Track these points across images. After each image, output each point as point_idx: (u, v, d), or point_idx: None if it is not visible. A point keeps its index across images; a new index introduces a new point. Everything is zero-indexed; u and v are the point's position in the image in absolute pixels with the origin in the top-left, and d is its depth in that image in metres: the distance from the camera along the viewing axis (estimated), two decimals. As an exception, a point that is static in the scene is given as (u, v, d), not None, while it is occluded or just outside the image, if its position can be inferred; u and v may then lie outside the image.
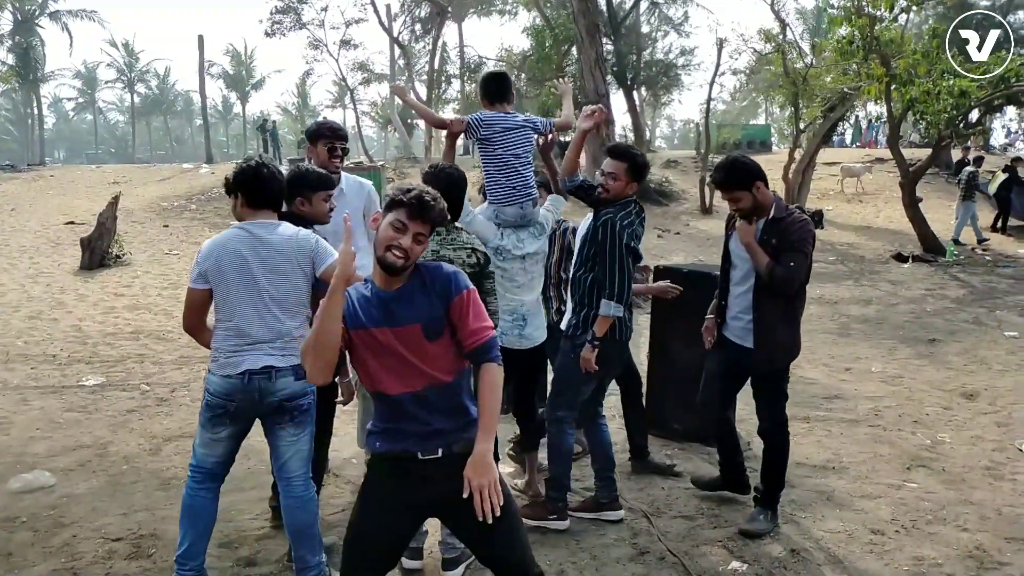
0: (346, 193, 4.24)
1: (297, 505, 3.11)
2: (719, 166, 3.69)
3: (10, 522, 3.92)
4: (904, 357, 7.43)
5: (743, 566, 3.38)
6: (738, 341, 3.73)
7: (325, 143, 4.08)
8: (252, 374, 2.96)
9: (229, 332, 3.01)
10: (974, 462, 4.65)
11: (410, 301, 2.28)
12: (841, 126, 24.03)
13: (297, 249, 3.04)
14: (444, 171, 3.35)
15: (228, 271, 2.98)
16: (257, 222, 3.07)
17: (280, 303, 3.02)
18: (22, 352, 7.58)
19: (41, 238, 14.76)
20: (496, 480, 2.15)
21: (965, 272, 12.15)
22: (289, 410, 3.06)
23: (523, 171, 3.96)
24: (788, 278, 3.52)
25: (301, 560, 3.11)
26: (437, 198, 2.30)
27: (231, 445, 3.10)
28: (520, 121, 4.08)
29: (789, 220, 3.59)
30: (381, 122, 42.49)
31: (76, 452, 4.92)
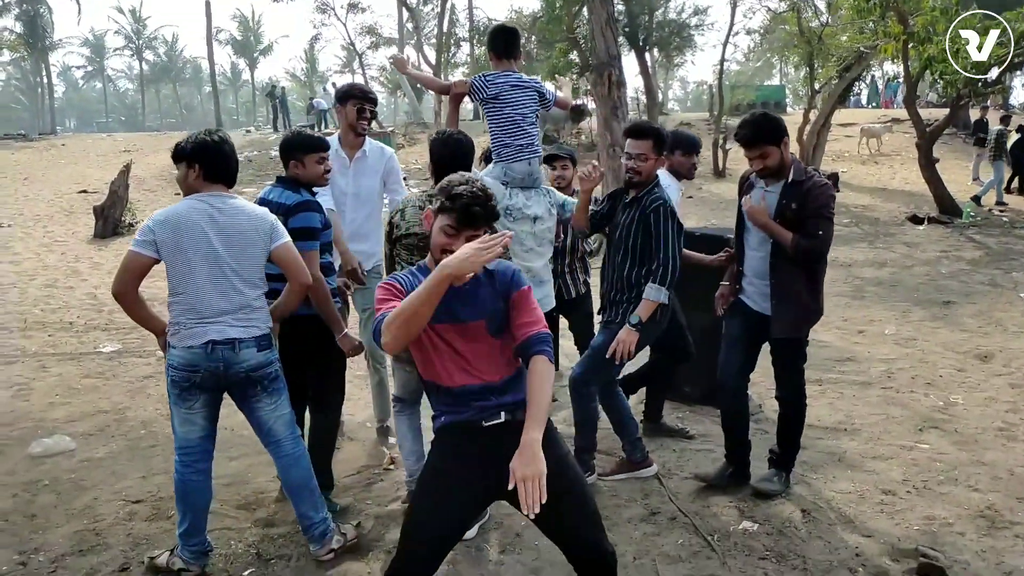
0: (368, 157, 4.26)
1: (291, 463, 3.17)
2: (745, 122, 3.53)
3: (33, 485, 4.01)
4: (918, 319, 7.39)
5: (754, 526, 3.41)
6: (756, 307, 3.65)
7: (355, 103, 4.13)
8: (215, 344, 2.95)
9: (188, 305, 2.96)
10: (987, 423, 4.64)
11: (474, 298, 2.27)
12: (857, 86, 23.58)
13: (256, 223, 3.04)
14: (451, 137, 3.35)
15: (187, 244, 2.93)
16: (214, 194, 3.03)
17: (241, 275, 3.01)
18: (39, 320, 7.68)
19: (55, 207, 14.84)
20: (543, 473, 2.06)
21: (981, 233, 12.01)
22: (257, 380, 3.07)
23: (530, 130, 3.95)
24: (816, 248, 3.42)
25: (305, 518, 3.17)
26: (486, 202, 2.24)
27: (208, 416, 3.08)
28: (528, 80, 4.06)
29: (810, 184, 3.45)
30: (390, 87, 42.14)
31: (95, 417, 5.00)
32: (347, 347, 3.48)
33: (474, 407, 2.29)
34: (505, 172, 3.93)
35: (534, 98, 4.04)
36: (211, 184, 3.04)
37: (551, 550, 3.21)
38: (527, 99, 4.00)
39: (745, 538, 3.32)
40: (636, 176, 3.62)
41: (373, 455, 4.36)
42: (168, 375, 3.01)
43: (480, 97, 4.01)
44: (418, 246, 3.31)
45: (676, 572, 3.07)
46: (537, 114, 4.05)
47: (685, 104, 74.30)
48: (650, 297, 3.52)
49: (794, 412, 3.72)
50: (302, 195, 3.42)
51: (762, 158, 3.46)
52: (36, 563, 3.24)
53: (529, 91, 4.02)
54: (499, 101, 3.95)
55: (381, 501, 3.74)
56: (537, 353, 2.22)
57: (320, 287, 3.37)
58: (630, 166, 3.62)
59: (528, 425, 2.13)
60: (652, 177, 3.65)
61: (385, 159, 4.34)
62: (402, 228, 3.31)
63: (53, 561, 3.25)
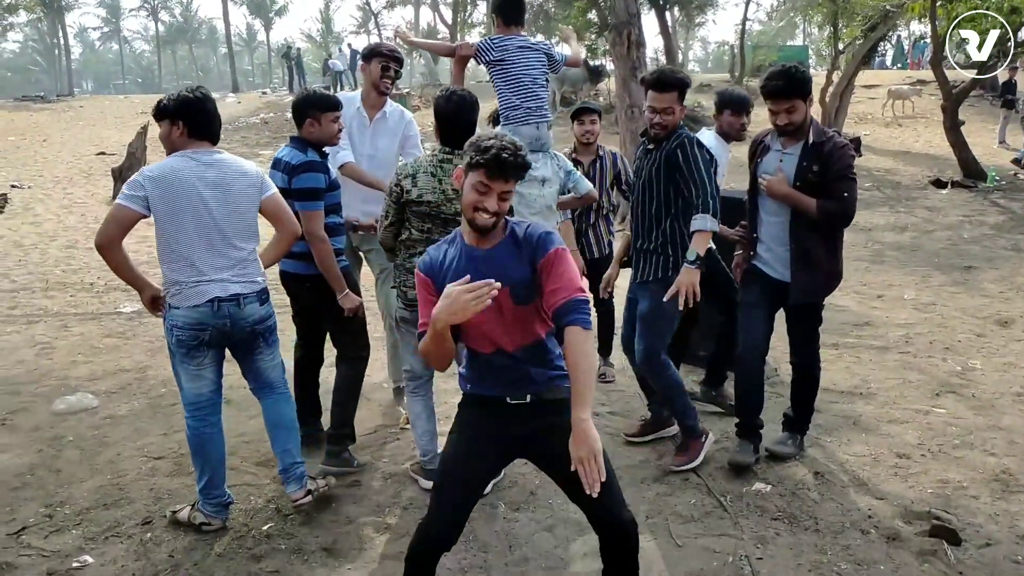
0: (388, 119, 4.23)
1: (282, 401, 3.29)
2: (777, 72, 3.37)
3: (57, 441, 4.10)
4: (938, 284, 7.31)
5: (767, 487, 3.43)
6: (774, 274, 3.55)
7: (380, 61, 4.09)
8: (220, 301, 2.98)
9: (186, 263, 2.96)
10: (1005, 388, 4.61)
11: (501, 263, 2.22)
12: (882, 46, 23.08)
13: (247, 177, 3.06)
14: (455, 94, 3.30)
15: (181, 202, 2.92)
16: (201, 151, 3.02)
17: (235, 229, 3.03)
18: (60, 280, 7.78)
19: (74, 168, 14.94)
20: (599, 452, 2.02)
21: (1006, 198, 11.80)
22: (261, 333, 3.15)
23: (539, 92, 3.91)
24: (843, 211, 3.34)
25: (289, 456, 3.25)
26: (516, 152, 2.17)
27: (216, 370, 3.13)
28: (535, 43, 4.01)
29: (831, 145, 3.36)
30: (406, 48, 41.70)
31: (116, 376, 5.09)
32: (347, 306, 3.52)
33: (500, 382, 2.29)
34: (514, 133, 3.89)
35: (543, 61, 3.99)
36: (196, 141, 3.03)
37: (564, 507, 3.26)
38: (535, 61, 3.95)
39: (758, 499, 3.34)
40: (662, 131, 3.45)
41: (389, 415, 4.41)
42: (173, 335, 3.02)
43: (486, 60, 3.96)
44: (430, 214, 3.26)
45: (688, 531, 3.11)
46: (547, 78, 4.00)
47: (706, 65, 73.01)
48: (703, 228, 3.31)
49: (809, 377, 3.69)
50: (308, 155, 3.42)
51: (789, 112, 3.34)
52: (62, 515, 3.32)
53: (538, 53, 3.97)
54: (506, 63, 3.91)
55: (396, 460, 3.79)
56: (570, 323, 2.11)
57: (322, 246, 3.40)
58: (656, 121, 3.43)
59: (575, 405, 2.06)
60: (675, 127, 3.47)
61: (404, 123, 4.30)
62: (412, 194, 3.25)
63: (78, 514, 3.33)
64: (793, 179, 3.41)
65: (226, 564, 2.95)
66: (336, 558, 2.99)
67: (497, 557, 2.96)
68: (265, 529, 3.18)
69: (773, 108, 3.38)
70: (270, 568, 2.92)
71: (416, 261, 3.28)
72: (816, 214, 3.34)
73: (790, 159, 3.44)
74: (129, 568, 2.92)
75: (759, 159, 3.59)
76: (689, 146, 3.41)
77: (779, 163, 3.46)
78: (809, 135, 3.40)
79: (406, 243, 3.35)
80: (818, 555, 2.92)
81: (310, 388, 3.94)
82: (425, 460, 3.49)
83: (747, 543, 3.00)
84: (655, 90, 3.43)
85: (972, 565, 2.85)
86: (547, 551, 3.00)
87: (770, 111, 3.41)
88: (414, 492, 3.47)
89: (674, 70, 3.57)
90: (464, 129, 3.27)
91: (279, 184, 3.45)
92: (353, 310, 3.55)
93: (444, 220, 3.25)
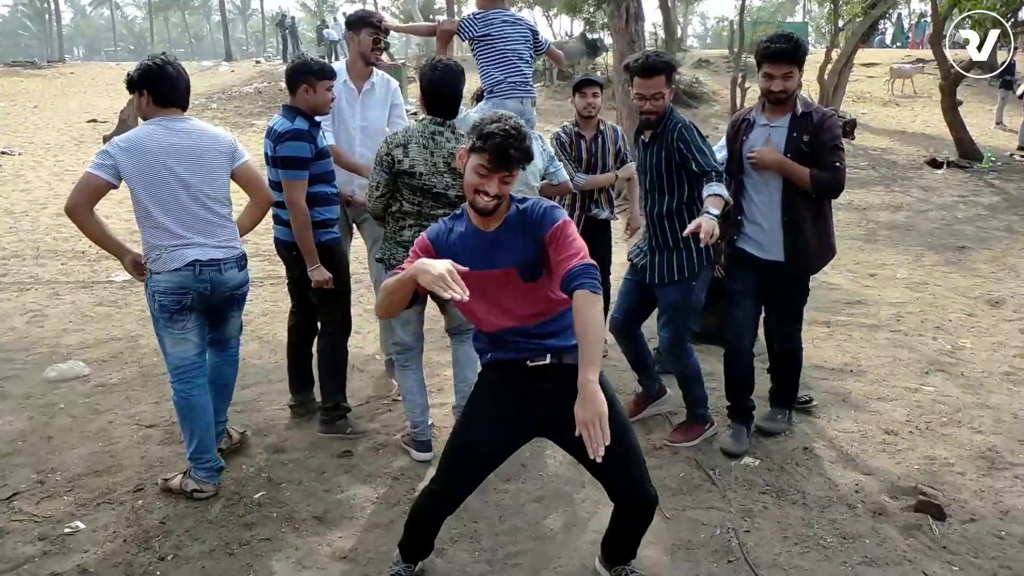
0: (376, 89, 4.17)
1: (230, 361, 3.44)
2: (778, 36, 3.30)
3: (48, 408, 4.10)
4: (931, 264, 7.33)
5: (755, 461, 3.46)
6: (764, 255, 3.46)
7: (371, 32, 4.00)
8: (201, 265, 3.02)
9: (162, 229, 2.98)
10: (994, 367, 4.64)
11: (507, 243, 2.23)
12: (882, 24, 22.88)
13: (216, 143, 3.09)
14: (440, 62, 3.27)
15: (151, 169, 2.93)
16: (170, 118, 3.03)
17: (208, 194, 3.05)
18: (52, 248, 7.74)
19: (65, 136, 14.79)
20: (604, 415, 1.97)
21: (1001, 179, 11.80)
22: (238, 298, 3.26)
23: (523, 68, 3.87)
24: (835, 180, 3.31)
25: (219, 413, 3.40)
26: (520, 143, 2.15)
27: (199, 333, 3.15)
28: (522, 20, 3.97)
29: (820, 115, 3.35)
30: (402, 18, 41.24)
31: (108, 344, 5.08)
32: (315, 279, 3.52)
33: (518, 348, 2.30)
34: (500, 107, 3.85)
35: (527, 37, 3.94)
36: (164, 108, 3.04)
37: (555, 479, 3.29)
38: (520, 36, 3.91)
39: (746, 473, 3.37)
40: (653, 116, 3.38)
41: (380, 387, 4.42)
42: (155, 301, 3.05)
43: (470, 35, 3.91)
44: (422, 188, 3.22)
45: (677, 504, 3.13)
46: (531, 54, 3.94)
47: (704, 40, 72.49)
48: (721, 193, 3.18)
49: (793, 359, 3.69)
50: (295, 124, 3.39)
51: (786, 79, 3.29)
52: (53, 482, 3.33)
53: (522, 28, 3.93)
54: (490, 38, 3.87)
55: (388, 431, 3.80)
56: (577, 288, 2.10)
57: (300, 216, 3.39)
58: (646, 108, 3.36)
59: (581, 367, 2.03)
60: (665, 111, 3.42)
61: (391, 91, 4.26)
62: (404, 164, 3.20)
63: (70, 480, 3.34)
64: (784, 150, 3.35)
65: (217, 531, 2.96)
66: (327, 526, 3.01)
67: (487, 527, 2.98)
68: (257, 497, 3.20)
69: (771, 72, 3.30)
70: (261, 536, 2.93)
71: (405, 234, 3.28)
72: (809, 184, 3.30)
73: (779, 131, 3.38)
74: (121, 534, 2.94)
75: (744, 136, 3.48)
76: (688, 132, 3.33)
77: (767, 136, 3.40)
78: (797, 106, 3.36)
79: (395, 215, 3.33)
80: (804, 528, 2.95)
81: (302, 358, 3.94)
82: (416, 432, 3.51)
83: (735, 516, 3.03)
84: (642, 76, 3.32)
85: (956, 540, 2.88)
86: (537, 521, 3.02)
87: (766, 75, 3.33)
88: (405, 463, 3.49)
89: (659, 53, 3.47)
90: (450, 98, 3.25)
91: (266, 151, 3.44)
92: (320, 283, 3.53)
93: (435, 195, 3.23)
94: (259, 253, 7.56)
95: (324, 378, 3.74)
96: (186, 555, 2.81)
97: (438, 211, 3.23)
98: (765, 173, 3.42)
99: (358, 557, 2.80)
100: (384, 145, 3.27)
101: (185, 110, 3.11)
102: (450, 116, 3.29)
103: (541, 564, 2.75)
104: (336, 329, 3.72)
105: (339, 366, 3.77)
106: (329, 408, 3.71)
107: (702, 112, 18.14)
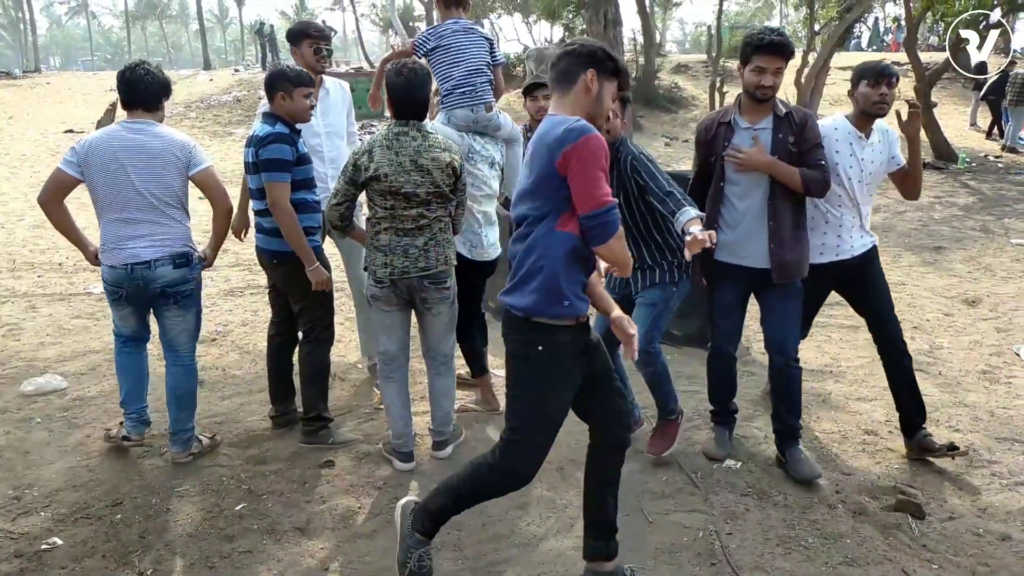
0: (331, 94, 4.26)
1: (184, 372, 3.53)
2: (772, 30, 3.26)
3: (25, 423, 4.04)
4: (908, 264, 7.41)
5: (737, 464, 3.47)
6: (749, 264, 3.36)
7: (311, 43, 4.07)
8: (134, 265, 3.26)
9: (110, 225, 3.27)
10: (971, 366, 4.70)
11: None
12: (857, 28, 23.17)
13: (168, 147, 3.25)
14: (406, 67, 3.27)
15: (101, 168, 3.20)
16: (131, 121, 3.27)
17: (154, 196, 3.24)
18: (28, 260, 7.64)
19: (40, 146, 14.62)
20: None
21: (976, 179, 11.98)
22: (171, 295, 3.38)
23: (474, 77, 3.86)
24: (824, 178, 3.26)
25: (179, 423, 3.52)
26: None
27: (138, 319, 3.50)
28: (479, 31, 3.98)
29: (801, 115, 3.31)
30: (382, 26, 41.22)
31: (85, 357, 5.02)
32: (315, 279, 3.51)
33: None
34: (449, 119, 3.86)
35: (483, 46, 3.93)
36: (129, 111, 3.28)
37: (538, 486, 3.28)
38: (474, 46, 3.90)
39: (728, 475, 3.38)
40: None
41: (362, 395, 4.40)
42: (103, 284, 3.41)
43: (423, 52, 3.92)
44: (390, 191, 3.19)
45: (660, 507, 3.14)
46: (487, 63, 3.93)
47: (683, 46, 73.03)
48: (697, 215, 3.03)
49: (790, 375, 3.43)
50: (275, 128, 3.40)
51: (775, 74, 3.21)
52: (30, 497, 3.28)
53: (478, 38, 3.93)
54: (442, 48, 3.87)
55: (370, 440, 3.78)
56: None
57: (286, 218, 3.39)
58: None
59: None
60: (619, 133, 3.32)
61: (348, 96, 4.41)
62: (370, 170, 3.18)
63: (47, 496, 3.29)
64: (771, 153, 3.26)
65: (198, 544, 2.93)
66: (309, 537, 2.98)
67: (470, 534, 2.97)
68: (237, 509, 3.17)
69: (763, 65, 3.19)
70: (242, 548, 2.91)
71: (381, 238, 3.27)
72: (800, 184, 3.23)
73: (764, 133, 3.29)
74: (99, 550, 2.90)
75: (725, 141, 3.34)
76: (642, 162, 3.25)
77: (755, 137, 3.29)
78: (778, 106, 3.30)
79: (371, 220, 3.33)
80: (786, 529, 2.97)
81: (282, 368, 3.91)
82: (399, 443, 3.49)
83: (717, 518, 3.05)
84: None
85: (935, 538, 2.91)
86: (520, 529, 3.02)
87: (757, 69, 3.20)
88: (387, 472, 3.47)
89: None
90: (416, 102, 3.25)
91: (247, 159, 3.44)
92: (322, 284, 3.53)
93: (405, 195, 3.21)
94: (240, 263, 7.52)
95: (306, 387, 3.72)
96: (166, 569, 2.78)
97: (411, 211, 3.23)
98: (750, 178, 3.31)
99: (341, 568, 2.78)
100: (351, 155, 3.28)
101: (152, 111, 3.31)
102: (418, 119, 3.30)
103: (525, 571, 2.75)
104: (319, 337, 3.70)
105: (322, 375, 3.76)
106: (311, 419, 3.69)
107: (681, 116, 18.26)
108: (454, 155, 3.29)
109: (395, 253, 3.26)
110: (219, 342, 5.28)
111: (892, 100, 3.51)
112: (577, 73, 2.33)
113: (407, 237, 3.26)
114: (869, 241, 3.64)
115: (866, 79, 3.48)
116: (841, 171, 3.46)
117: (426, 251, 3.28)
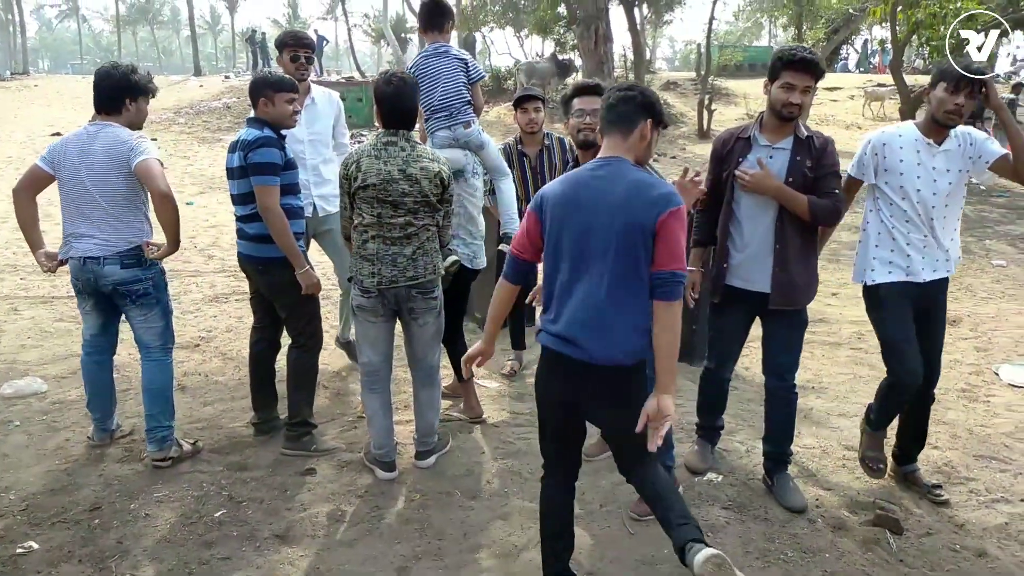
0: (317, 103, 4.31)
1: (156, 368, 3.57)
2: (801, 47, 3.12)
3: (4, 426, 4.00)
4: (891, 283, 7.47)
5: (718, 477, 3.49)
6: (752, 287, 3.21)
7: (289, 51, 4.19)
8: (85, 259, 3.37)
9: (68, 221, 3.42)
10: (950, 384, 4.75)
11: None
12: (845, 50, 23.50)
13: (111, 147, 3.32)
14: (395, 76, 3.29)
15: (65, 167, 3.35)
16: (92, 122, 3.42)
17: (103, 194, 3.33)
18: (11, 263, 7.58)
19: (27, 149, 14.53)
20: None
21: (958, 201, 12.09)
22: (125, 295, 3.43)
23: (450, 97, 3.92)
24: (835, 208, 3.10)
25: (154, 420, 3.52)
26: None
27: (98, 316, 3.59)
28: (454, 51, 4.03)
29: (821, 140, 3.15)
30: (374, 36, 41.32)
31: (67, 360, 4.97)
32: (305, 282, 3.50)
33: None
34: (432, 138, 3.96)
35: (456, 67, 3.98)
36: (96, 112, 3.44)
37: (519, 496, 3.28)
38: (446, 67, 3.95)
39: (709, 488, 3.39)
40: (591, 134, 3.17)
41: (345, 404, 4.39)
42: None
43: None
44: (378, 198, 3.20)
45: (641, 519, 3.14)
46: (462, 83, 3.97)
47: (673, 63, 73.68)
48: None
49: (786, 400, 3.35)
50: (263, 132, 3.42)
51: (804, 92, 3.05)
52: (7, 501, 3.25)
53: (449, 59, 3.97)
54: (420, 75, 3.93)
55: (352, 448, 3.77)
56: None
57: (276, 220, 3.39)
58: (587, 122, 3.19)
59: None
60: None
61: (335, 106, 4.45)
62: (358, 180, 3.20)
63: (24, 499, 3.26)
64: (785, 175, 3.12)
65: (176, 550, 2.91)
66: (289, 545, 2.97)
67: (451, 544, 2.97)
68: (217, 516, 3.15)
69: (793, 82, 3.03)
70: (221, 555, 2.89)
71: (368, 247, 3.27)
72: (807, 213, 3.08)
73: (782, 154, 3.14)
74: (76, 554, 2.87)
75: (741, 157, 3.21)
76: None
77: (768, 159, 3.15)
78: (800, 128, 3.16)
79: (358, 229, 3.32)
80: (766, 543, 2.98)
81: (265, 375, 3.89)
82: (381, 453, 3.48)
83: (698, 531, 3.04)
84: (588, 95, 3.24)
85: (913, 554, 2.94)
86: (500, 539, 3.02)
87: (786, 86, 3.05)
88: (369, 481, 3.46)
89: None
90: (405, 111, 3.27)
91: (235, 163, 3.44)
92: (312, 287, 3.53)
93: (394, 203, 3.22)
94: (225, 269, 7.49)
95: (293, 392, 3.70)
96: (143, 575, 2.76)
97: (398, 219, 3.23)
98: (758, 200, 3.17)
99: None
100: (342, 168, 3.30)
101: (111, 114, 3.41)
102: (406, 129, 3.31)
103: (505, 581, 2.74)
104: (307, 342, 3.68)
105: (309, 380, 3.75)
106: (296, 423, 3.67)
107: (670, 133, 18.36)
108: (442, 166, 3.30)
109: (383, 262, 3.26)
110: (202, 348, 5.25)
111: (969, 112, 3.10)
112: (636, 121, 2.38)
113: (395, 246, 3.26)
114: (943, 271, 3.28)
115: (945, 82, 3.08)
116: (905, 182, 3.17)
117: (414, 260, 3.28)
